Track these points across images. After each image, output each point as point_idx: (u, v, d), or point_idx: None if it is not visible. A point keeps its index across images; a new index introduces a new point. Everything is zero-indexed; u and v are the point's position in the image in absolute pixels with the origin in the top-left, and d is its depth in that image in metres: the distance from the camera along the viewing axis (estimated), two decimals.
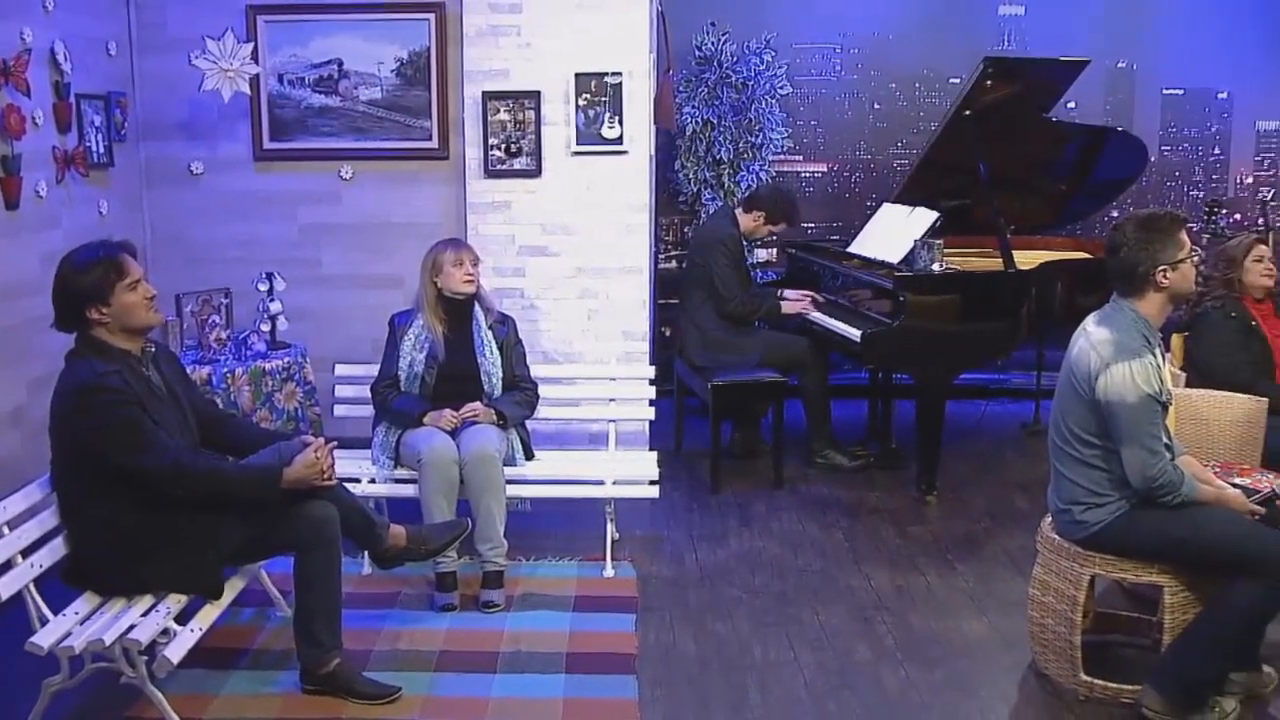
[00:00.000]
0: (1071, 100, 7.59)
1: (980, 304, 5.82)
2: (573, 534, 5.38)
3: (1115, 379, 3.72)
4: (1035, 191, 6.98)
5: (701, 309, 6.39)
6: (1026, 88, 6.36)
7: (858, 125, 7.99)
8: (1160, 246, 3.78)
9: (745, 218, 6.47)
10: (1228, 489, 3.97)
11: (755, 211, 6.45)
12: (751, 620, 4.61)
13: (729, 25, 7.48)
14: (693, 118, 7.34)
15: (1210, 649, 3.74)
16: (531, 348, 5.71)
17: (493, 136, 6.10)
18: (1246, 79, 8.12)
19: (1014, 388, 7.90)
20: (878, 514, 5.81)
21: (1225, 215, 6.91)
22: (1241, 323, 5.28)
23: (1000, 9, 7.96)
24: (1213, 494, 3.87)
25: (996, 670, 4.22)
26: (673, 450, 6.68)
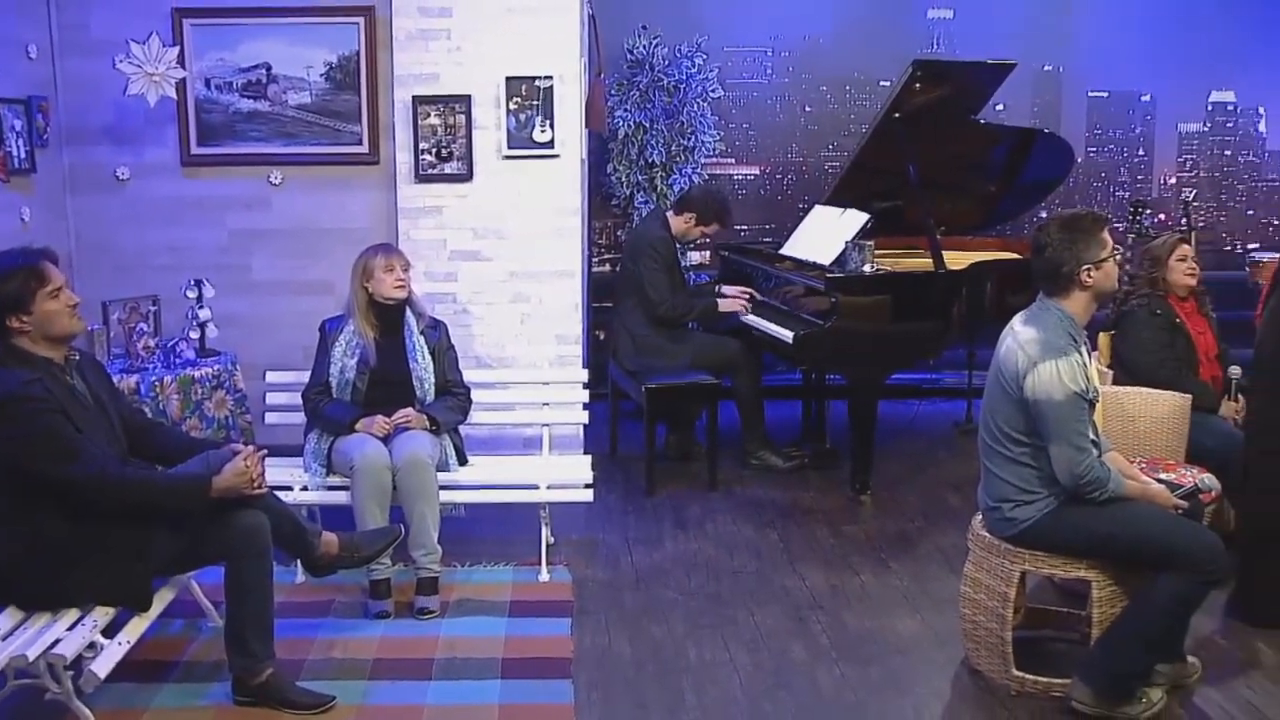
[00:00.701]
0: (1000, 103, 7.69)
1: (911, 304, 5.88)
2: (507, 539, 5.36)
3: (1042, 377, 3.77)
4: (965, 192, 7.05)
5: (633, 313, 6.40)
6: (955, 90, 6.43)
7: (789, 128, 8.03)
8: (1084, 246, 3.84)
9: (677, 220, 6.48)
10: (1153, 484, 4.04)
11: (687, 213, 6.46)
12: (687, 622, 4.61)
13: (660, 29, 7.49)
14: (625, 121, 7.34)
15: (1137, 641, 3.81)
16: (464, 353, 5.69)
17: (423, 141, 6.07)
18: (1168, 82, 8.28)
19: (946, 387, 7.98)
20: (812, 514, 5.84)
21: (1149, 215, 7.01)
22: (1166, 320, 5.37)
23: (929, 12, 8.06)
24: (1138, 489, 3.94)
25: (930, 667, 4.26)
26: (608, 454, 6.69)
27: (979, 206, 7.21)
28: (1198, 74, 8.28)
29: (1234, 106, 8.38)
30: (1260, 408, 4.56)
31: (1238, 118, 8.39)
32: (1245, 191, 8.48)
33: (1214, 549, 3.77)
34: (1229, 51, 8.20)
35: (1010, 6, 8.03)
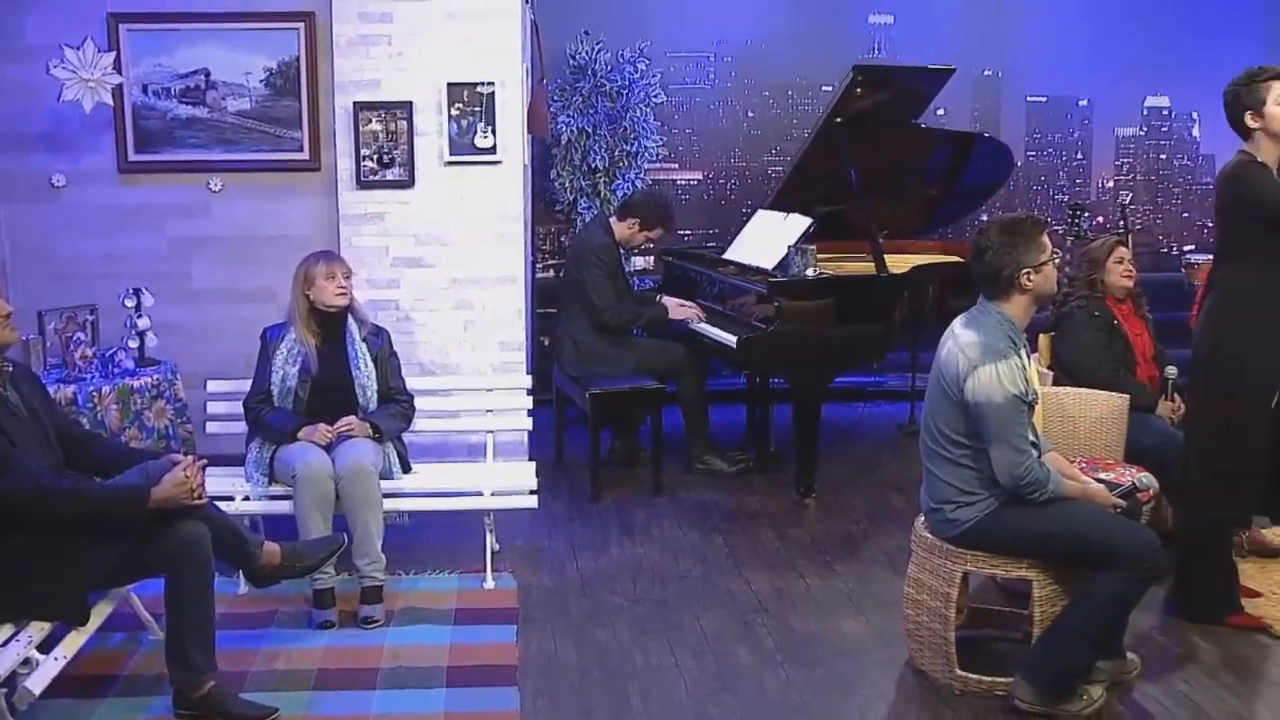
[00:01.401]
0: (941, 107, 7.75)
1: (853, 308, 5.91)
2: (452, 546, 5.34)
3: (982, 380, 3.80)
4: (906, 196, 7.11)
5: (577, 319, 6.40)
6: (895, 95, 6.47)
7: (732, 133, 8.06)
8: (1023, 250, 3.88)
9: (620, 226, 6.48)
10: (1091, 484, 4.09)
11: (630, 219, 6.47)
12: (633, 627, 4.61)
13: (603, 34, 7.50)
14: (568, 126, 7.34)
15: (1077, 639, 3.85)
16: (407, 360, 5.66)
17: (365, 147, 6.04)
18: (1105, 87, 8.39)
19: (890, 390, 8.04)
20: (757, 518, 5.86)
21: (1088, 218, 7.09)
22: (1104, 322, 5.44)
23: (870, 18, 8.11)
24: (1077, 489, 3.99)
25: (875, 668, 4.28)
26: (553, 460, 6.67)
27: (920, 210, 7.28)
28: (1133, 79, 8.41)
29: (1169, 111, 8.51)
30: (1196, 407, 4.63)
31: (1172, 122, 8.52)
32: (1181, 194, 8.61)
33: (1151, 547, 3.83)
34: (1163, 58, 8.33)
35: (950, 12, 8.11)
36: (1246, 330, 4.41)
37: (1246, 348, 4.42)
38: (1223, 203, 4.51)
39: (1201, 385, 4.59)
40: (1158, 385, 5.47)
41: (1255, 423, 4.46)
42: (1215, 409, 4.51)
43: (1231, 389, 4.45)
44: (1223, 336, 4.48)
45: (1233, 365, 4.44)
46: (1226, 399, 4.47)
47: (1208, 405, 4.55)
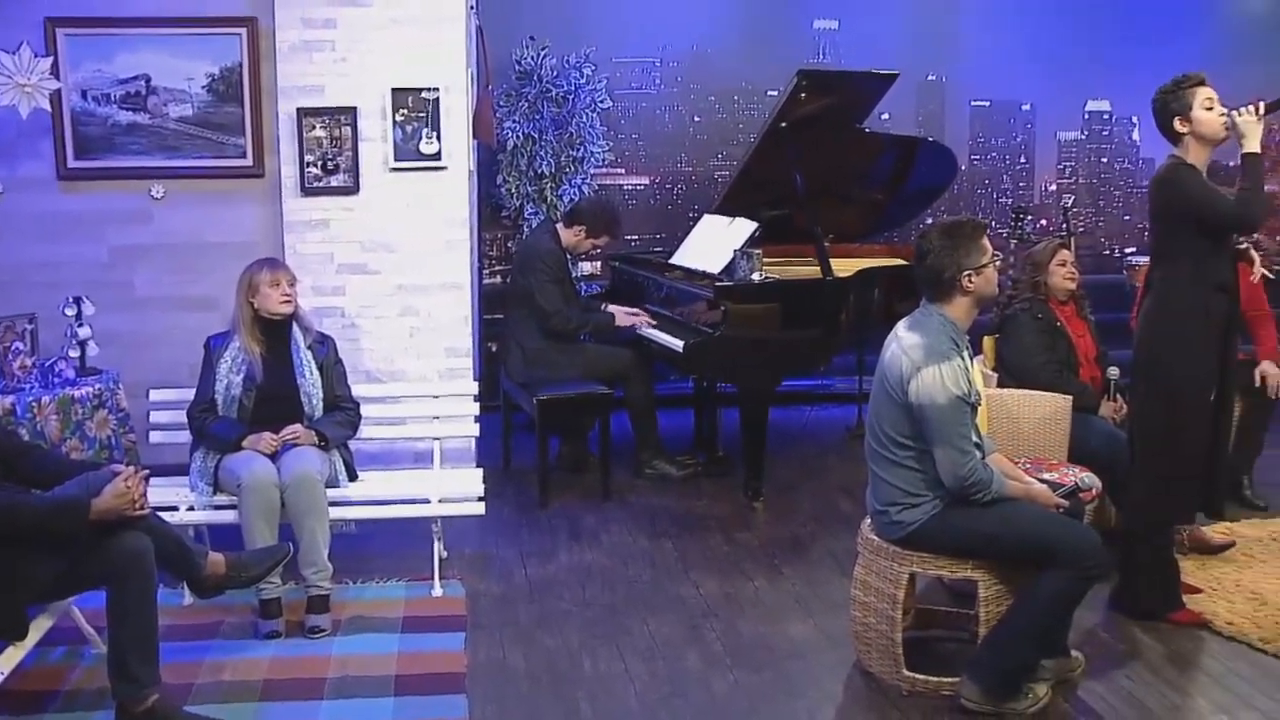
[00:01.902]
0: (885, 112, 7.81)
1: (799, 311, 5.94)
2: (400, 554, 5.32)
3: (926, 382, 3.83)
4: (852, 200, 7.15)
5: (524, 325, 6.39)
6: (840, 100, 6.52)
7: (678, 138, 8.08)
8: (964, 252, 3.92)
9: (567, 232, 6.48)
10: (1035, 484, 4.13)
11: (577, 225, 6.46)
12: (582, 633, 4.61)
13: (548, 40, 7.50)
14: (513, 132, 7.33)
15: (1022, 638, 3.89)
16: (353, 367, 5.62)
17: (309, 154, 5.99)
18: (1047, 92, 8.51)
19: (837, 393, 8.08)
20: (706, 522, 5.87)
21: (1031, 221, 7.18)
22: (1047, 324, 5.51)
23: (815, 23, 8.17)
24: (1021, 490, 4.03)
25: (823, 670, 4.30)
26: (501, 466, 6.66)
27: (866, 214, 7.32)
28: (1074, 84, 8.52)
29: (1109, 115, 8.63)
30: (1138, 407, 4.69)
31: (1113, 126, 8.64)
32: (1122, 198, 8.72)
33: (1094, 546, 3.88)
34: (1103, 63, 8.44)
35: (894, 18, 8.18)
36: (1183, 329, 4.49)
37: (1183, 347, 4.49)
38: (1156, 206, 4.60)
39: (1142, 385, 4.65)
40: (1100, 386, 5.55)
41: (1195, 421, 4.53)
42: (1156, 408, 4.58)
43: (1171, 388, 4.52)
44: (1160, 336, 4.55)
45: (1171, 365, 4.52)
46: (1167, 398, 4.54)
47: (1149, 405, 4.62)
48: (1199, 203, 4.41)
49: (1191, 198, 4.42)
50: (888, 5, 8.18)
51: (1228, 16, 8.64)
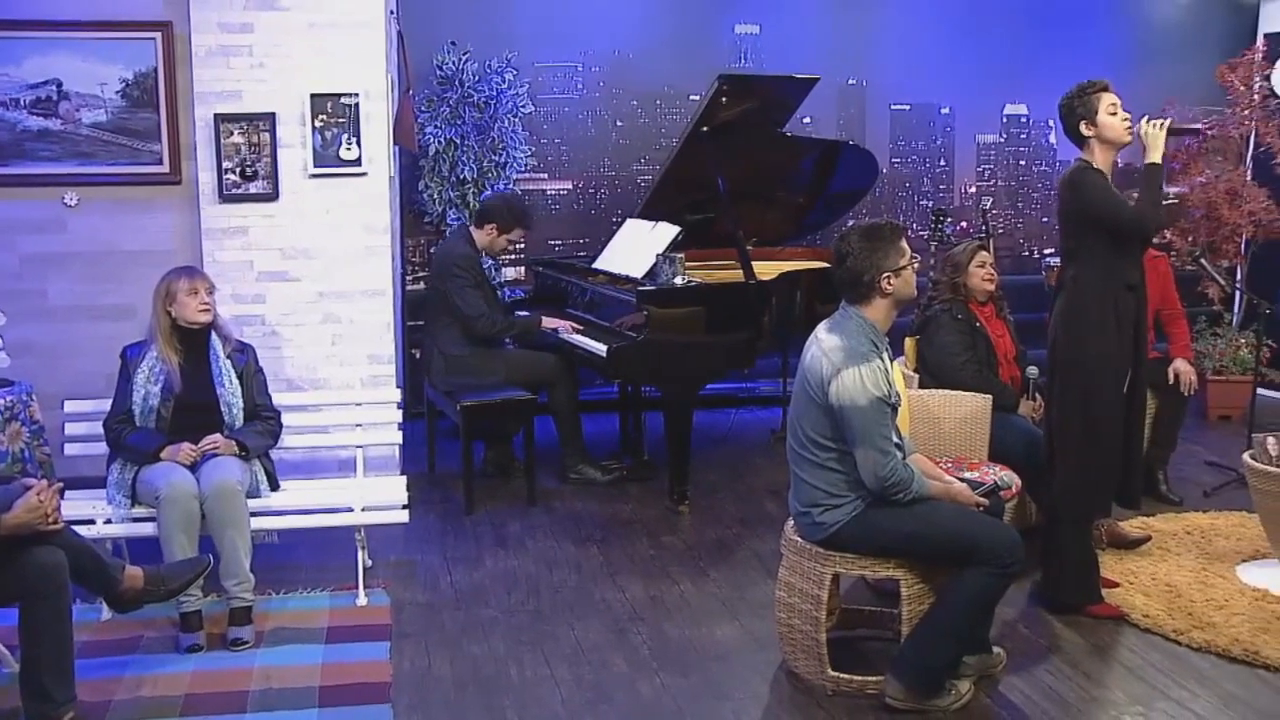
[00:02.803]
0: (807, 115, 7.88)
1: (722, 315, 5.97)
2: (323, 564, 5.27)
3: (846, 383, 3.87)
4: (775, 204, 7.21)
5: (446, 333, 6.36)
6: (761, 104, 6.56)
7: (601, 142, 8.08)
8: (883, 255, 3.96)
9: (479, 234, 6.45)
10: (955, 483, 4.19)
11: (488, 224, 6.44)
12: (508, 640, 4.59)
13: (470, 45, 7.48)
14: (435, 138, 7.30)
15: (944, 635, 3.95)
16: (275, 375, 5.57)
17: (227, 160, 5.91)
18: (965, 95, 8.61)
19: (762, 395, 8.14)
20: (632, 526, 5.88)
21: (951, 223, 7.26)
22: (967, 324, 5.59)
23: (736, 28, 8.20)
24: (941, 489, 4.08)
25: (749, 672, 4.32)
26: (426, 473, 6.63)
27: (789, 217, 7.38)
28: (992, 88, 8.65)
29: (1026, 119, 8.75)
30: (1056, 404, 4.76)
31: (1030, 129, 8.77)
32: (1040, 200, 8.85)
33: (1013, 543, 3.94)
34: (1020, 67, 8.58)
35: (815, 22, 8.24)
36: (1093, 327, 4.59)
37: (1094, 344, 4.59)
38: (1064, 208, 4.73)
39: (1058, 382, 4.74)
40: (1019, 385, 5.63)
41: (1109, 416, 4.63)
42: (1072, 405, 4.68)
43: (1085, 385, 4.63)
44: (1073, 335, 4.65)
45: (1083, 362, 4.63)
46: (1082, 395, 4.64)
47: (1065, 401, 4.71)
48: (1099, 208, 4.55)
49: (1093, 202, 4.56)
50: (809, 10, 8.24)
51: (1139, 21, 8.83)
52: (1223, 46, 8.47)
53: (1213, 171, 8.12)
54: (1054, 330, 4.76)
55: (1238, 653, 4.39)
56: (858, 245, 3.98)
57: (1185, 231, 8.15)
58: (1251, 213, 7.94)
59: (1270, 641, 4.45)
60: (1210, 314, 8.25)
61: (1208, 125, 8.06)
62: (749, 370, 7.14)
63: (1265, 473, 4.99)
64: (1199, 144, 8.10)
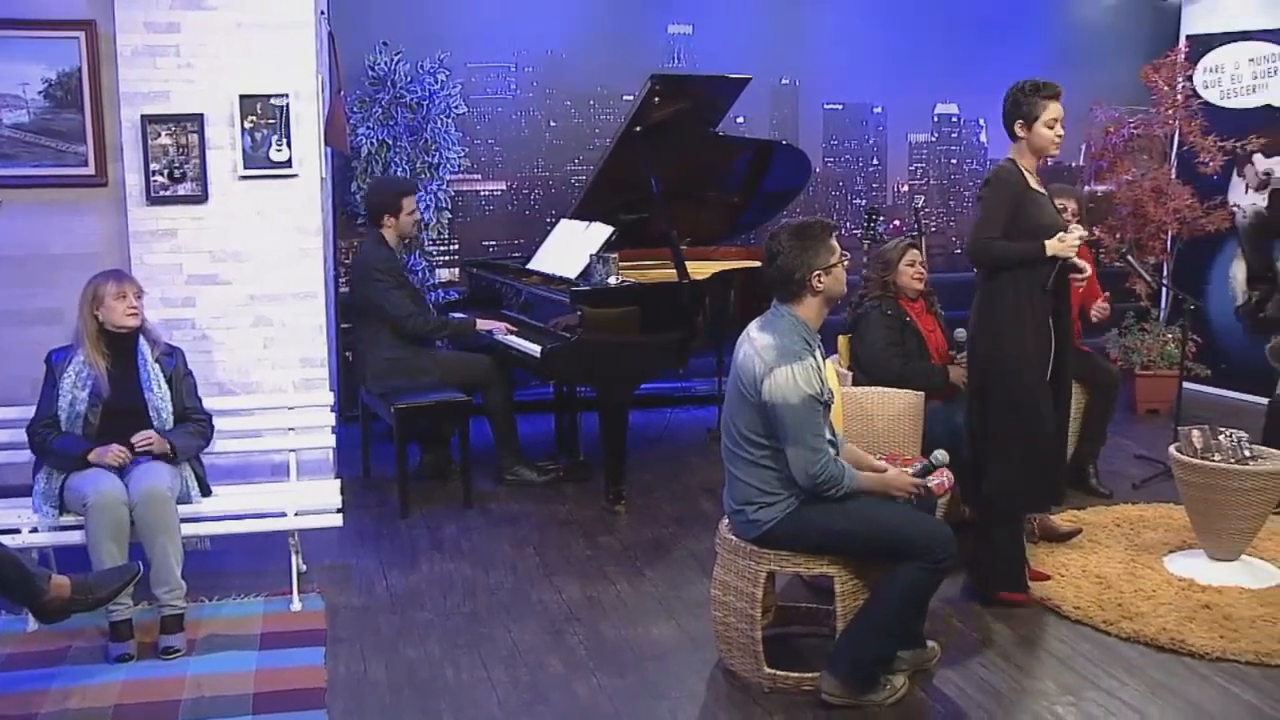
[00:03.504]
0: (740, 115, 7.92)
1: (656, 314, 5.98)
2: (257, 570, 5.22)
3: (779, 382, 3.88)
4: (708, 203, 7.23)
5: (377, 338, 6.32)
6: (694, 104, 6.58)
7: (535, 143, 8.06)
8: (813, 253, 3.98)
9: (385, 231, 6.40)
10: (889, 470, 4.21)
11: (384, 218, 6.39)
12: (444, 643, 4.57)
13: (402, 45, 7.43)
14: (368, 139, 7.25)
15: (878, 631, 3.98)
16: (206, 380, 5.51)
17: (154, 162, 5.82)
18: (897, 95, 8.69)
19: (697, 394, 8.15)
20: (568, 526, 5.88)
21: (883, 222, 7.33)
22: (897, 319, 5.66)
23: (669, 28, 8.21)
24: (875, 479, 4.11)
25: (685, 671, 4.33)
26: (361, 476, 6.58)
27: (723, 216, 7.40)
28: (924, 88, 8.73)
29: (957, 118, 8.85)
30: (987, 402, 4.81)
31: (961, 128, 8.86)
32: (971, 198, 8.93)
33: (946, 539, 3.98)
34: (951, 67, 8.67)
35: (747, 22, 8.27)
36: (1009, 326, 4.67)
37: (1011, 343, 4.67)
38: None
39: (984, 380, 4.79)
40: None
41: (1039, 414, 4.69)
42: (1001, 404, 4.72)
43: (1010, 384, 4.68)
44: (990, 334, 4.72)
45: (1003, 360, 4.70)
46: (1008, 394, 4.70)
47: (994, 401, 4.75)
48: (979, 215, 4.69)
49: (979, 207, 4.68)
50: (741, 10, 8.27)
51: (1067, 23, 8.97)
52: (1147, 48, 8.63)
53: (1139, 170, 8.26)
54: (972, 329, 4.83)
55: (1165, 642, 4.48)
56: (788, 244, 4.00)
57: (1113, 229, 8.28)
58: (1176, 210, 8.09)
59: (1196, 630, 4.54)
60: (1138, 310, 8.38)
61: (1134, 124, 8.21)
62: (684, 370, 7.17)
63: (1190, 465, 5.09)
64: (1124, 143, 8.23)
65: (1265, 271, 8.31)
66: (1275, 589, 4.95)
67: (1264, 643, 4.44)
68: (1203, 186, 8.16)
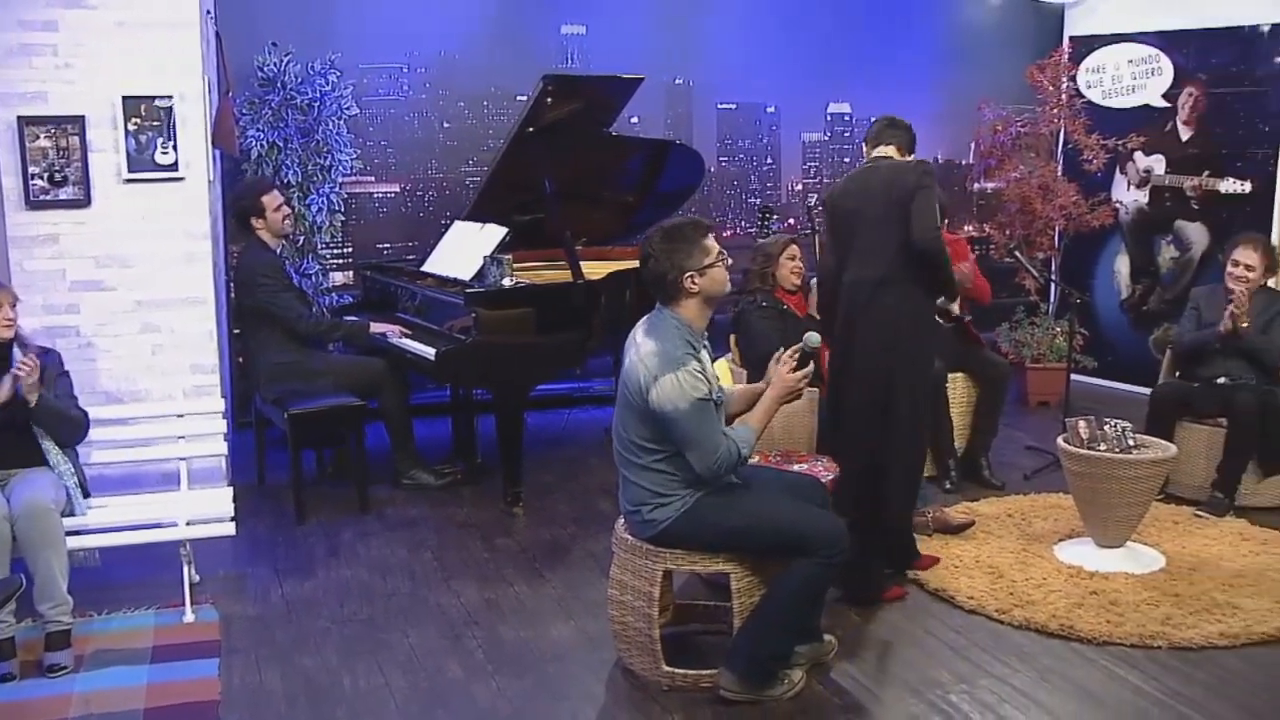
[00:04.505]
0: (635, 115, 7.92)
1: (551, 316, 5.97)
2: (148, 581, 5.11)
3: (665, 390, 3.87)
4: (604, 204, 7.22)
5: (267, 344, 6.22)
6: (587, 104, 6.56)
7: (428, 144, 7.99)
8: (685, 255, 3.97)
9: (262, 233, 6.32)
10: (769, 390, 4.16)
11: (254, 220, 6.31)
12: (341, 650, 4.52)
13: (291, 46, 7.30)
14: (258, 141, 7.12)
15: (775, 626, 4.01)
16: (92, 388, 5.41)
17: (33, 165, 5.65)
18: (790, 95, 8.74)
19: (595, 395, 8.14)
20: (466, 529, 5.84)
21: (777, 221, 7.39)
22: (774, 310, 5.84)
23: (563, 28, 8.17)
24: (763, 411, 4.14)
25: (584, 671, 4.33)
26: (256, 484, 6.47)
27: (619, 217, 7.40)
28: (816, 87, 8.80)
29: (850, 117, 8.93)
30: (869, 411, 4.87)
31: (853, 127, 8.94)
32: None
33: (839, 534, 4.02)
34: (843, 66, 8.75)
35: (641, 22, 8.27)
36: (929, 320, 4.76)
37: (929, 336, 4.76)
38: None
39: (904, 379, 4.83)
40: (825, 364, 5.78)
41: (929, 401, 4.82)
42: (904, 396, 4.80)
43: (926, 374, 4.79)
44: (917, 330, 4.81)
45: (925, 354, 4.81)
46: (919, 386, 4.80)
47: (899, 393, 4.81)
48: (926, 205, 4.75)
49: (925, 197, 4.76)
50: (635, 10, 8.27)
51: (956, 23, 9.09)
52: (1032, 48, 8.78)
53: (1026, 167, 8.42)
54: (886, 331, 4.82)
55: (1055, 628, 4.58)
56: (658, 246, 4.00)
57: (1002, 226, 8.45)
58: (1063, 206, 8.26)
59: (1084, 616, 4.65)
60: (1027, 305, 8.55)
61: (1021, 123, 8.37)
62: (581, 370, 7.18)
63: (1076, 455, 5.21)
64: (1011, 141, 8.40)
65: (1148, 266, 8.53)
66: (1158, 573, 5.09)
67: (1147, 625, 4.57)
68: (1087, 184, 8.35)
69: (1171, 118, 8.30)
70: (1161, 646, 4.44)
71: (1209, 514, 5.82)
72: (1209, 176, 8.06)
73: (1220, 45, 8.04)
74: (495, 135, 7.86)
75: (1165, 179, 8.34)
